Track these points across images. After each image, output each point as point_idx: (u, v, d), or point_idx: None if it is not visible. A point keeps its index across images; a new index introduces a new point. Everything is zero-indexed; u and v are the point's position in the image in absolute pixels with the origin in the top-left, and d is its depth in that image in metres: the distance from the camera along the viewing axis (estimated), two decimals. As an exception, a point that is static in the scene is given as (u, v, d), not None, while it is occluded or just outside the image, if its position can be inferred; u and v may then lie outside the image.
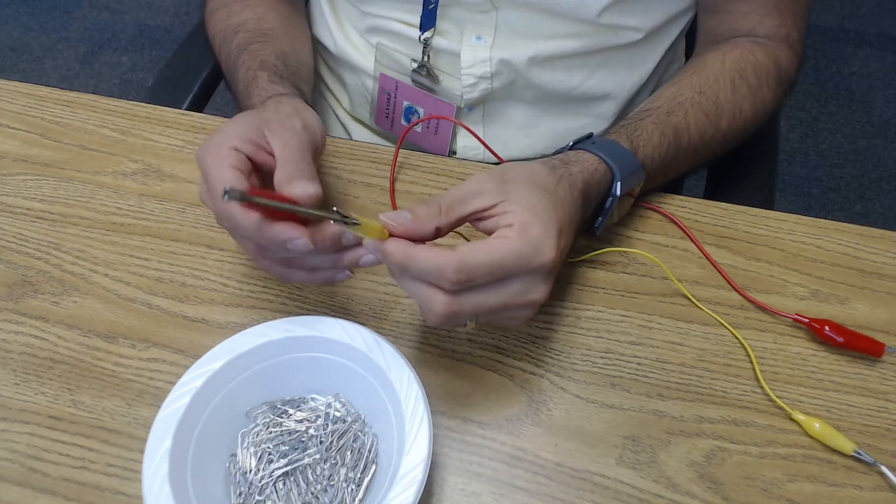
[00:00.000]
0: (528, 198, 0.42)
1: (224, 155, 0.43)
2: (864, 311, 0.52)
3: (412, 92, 0.67)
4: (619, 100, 0.67)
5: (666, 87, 0.59)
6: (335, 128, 0.80)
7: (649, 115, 0.55)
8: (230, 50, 0.62)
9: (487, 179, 0.43)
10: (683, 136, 0.56)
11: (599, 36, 0.62)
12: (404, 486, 0.38)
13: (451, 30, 0.63)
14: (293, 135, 0.46)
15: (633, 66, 0.67)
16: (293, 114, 0.48)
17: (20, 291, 0.54)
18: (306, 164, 0.44)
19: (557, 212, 0.43)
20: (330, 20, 0.70)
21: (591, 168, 0.50)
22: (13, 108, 0.66)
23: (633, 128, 0.54)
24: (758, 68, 0.60)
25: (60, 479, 0.45)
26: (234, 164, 0.43)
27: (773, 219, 0.57)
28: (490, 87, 0.64)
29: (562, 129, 0.68)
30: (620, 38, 0.63)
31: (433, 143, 0.69)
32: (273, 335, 0.44)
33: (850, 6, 1.97)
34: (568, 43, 0.62)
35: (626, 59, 0.65)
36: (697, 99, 0.57)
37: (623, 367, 0.49)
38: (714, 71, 0.59)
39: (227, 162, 0.43)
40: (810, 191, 1.60)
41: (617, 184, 0.51)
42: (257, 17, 0.64)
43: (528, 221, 0.41)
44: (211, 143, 0.44)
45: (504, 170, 0.44)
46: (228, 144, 0.44)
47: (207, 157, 0.44)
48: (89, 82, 1.89)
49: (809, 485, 0.45)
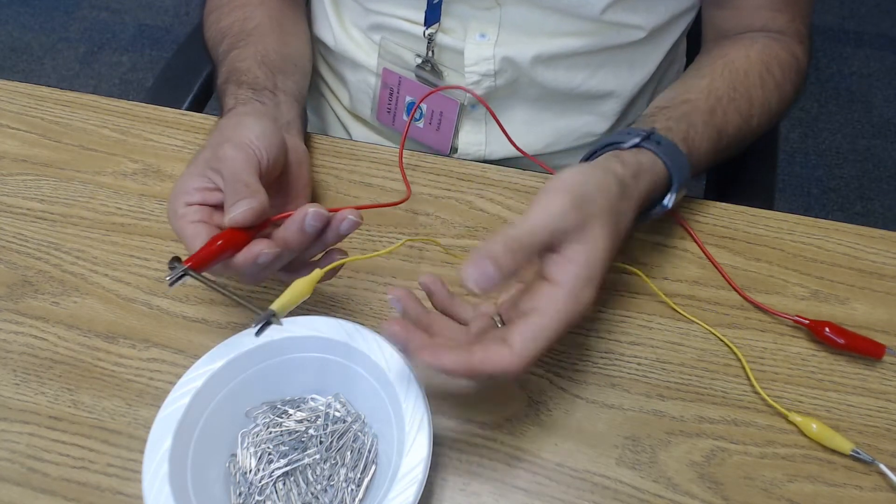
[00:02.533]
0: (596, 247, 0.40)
1: (181, 215, 0.46)
2: (864, 311, 0.52)
3: (415, 87, 0.67)
4: (622, 99, 0.67)
5: (693, 76, 0.59)
6: (335, 126, 0.80)
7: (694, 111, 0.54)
8: (216, 58, 0.62)
9: (569, 211, 0.40)
10: (723, 138, 0.55)
11: (602, 34, 0.62)
12: (404, 486, 0.38)
13: (455, 27, 0.64)
14: (227, 163, 0.46)
15: (635, 65, 0.67)
16: (222, 140, 0.48)
17: (20, 291, 0.54)
18: (242, 185, 0.45)
19: (611, 256, 0.42)
20: (332, 17, 0.69)
21: (656, 181, 0.48)
22: (13, 108, 0.66)
23: (684, 124, 0.52)
24: (781, 63, 0.60)
25: (60, 479, 0.45)
26: (192, 220, 0.45)
27: (773, 219, 0.57)
28: (494, 85, 0.64)
29: (564, 128, 0.68)
30: (623, 37, 0.63)
31: (435, 139, 0.69)
32: (273, 335, 0.44)
33: (850, 6, 1.97)
34: (571, 41, 0.62)
35: (628, 58, 0.65)
36: (732, 95, 0.56)
37: (623, 367, 0.49)
38: (742, 66, 0.59)
39: (185, 221, 0.45)
40: (810, 191, 1.60)
41: (672, 196, 0.50)
42: (243, 17, 0.63)
43: (582, 286, 0.40)
44: (169, 208, 0.47)
45: (585, 199, 0.41)
46: (181, 202, 0.46)
47: (172, 223, 0.46)
48: (89, 82, 1.89)
49: (809, 485, 0.45)
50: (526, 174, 0.60)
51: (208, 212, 0.46)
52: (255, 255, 0.43)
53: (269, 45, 0.61)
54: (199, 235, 0.44)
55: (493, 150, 0.69)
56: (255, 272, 0.45)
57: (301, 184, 0.53)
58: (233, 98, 0.55)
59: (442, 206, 0.58)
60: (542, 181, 0.59)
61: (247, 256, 0.43)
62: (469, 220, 0.57)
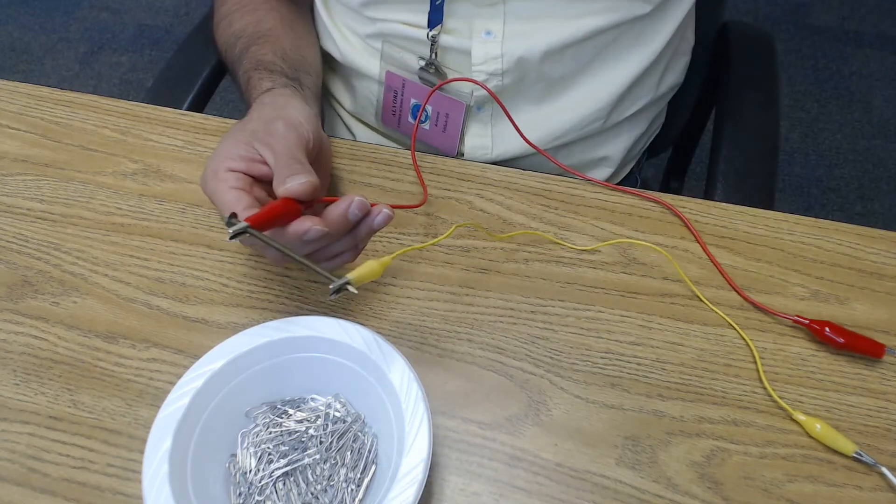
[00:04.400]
0: None
1: (222, 178, 0.46)
2: (864, 311, 0.52)
3: (420, 90, 0.67)
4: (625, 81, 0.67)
5: None
6: (339, 128, 0.80)
7: None
8: (233, 58, 0.63)
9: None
10: None
11: (609, 12, 0.62)
12: (404, 486, 0.38)
13: (460, 27, 0.63)
14: (279, 140, 0.47)
15: (641, 42, 0.66)
16: (274, 116, 0.49)
17: (20, 291, 0.54)
18: (296, 162, 0.46)
19: None
20: (332, 29, 0.70)
21: None
22: (13, 108, 0.66)
23: None
24: None
25: (60, 480, 0.45)
26: (233, 186, 0.46)
27: (773, 219, 0.57)
28: (501, 84, 0.64)
29: (569, 120, 0.68)
30: (631, 11, 0.63)
31: (441, 141, 0.69)
32: (273, 335, 0.44)
33: (850, 6, 1.97)
34: (578, 24, 0.62)
35: (635, 36, 0.65)
36: None
37: (623, 367, 0.49)
38: None
39: (226, 185, 0.46)
40: (810, 191, 1.60)
41: None
42: (256, 20, 0.64)
43: None
44: (208, 169, 0.47)
45: None
46: (224, 167, 0.46)
47: (209, 185, 0.46)
48: (89, 82, 1.89)
49: (809, 485, 0.45)
50: (526, 174, 0.60)
51: (249, 182, 0.47)
52: (306, 229, 0.44)
53: (286, 46, 0.62)
54: (241, 201, 0.45)
55: (499, 153, 0.69)
56: (299, 247, 0.45)
57: (325, 172, 0.54)
58: (269, 80, 0.56)
59: (442, 206, 0.58)
60: (543, 181, 0.59)
61: (297, 229, 0.44)
62: (469, 220, 0.57)
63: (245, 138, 0.48)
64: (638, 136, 0.75)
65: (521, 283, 0.53)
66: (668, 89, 0.75)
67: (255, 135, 0.48)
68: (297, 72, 0.59)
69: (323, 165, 0.54)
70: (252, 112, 0.52)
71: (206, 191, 0.47)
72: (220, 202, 0.45)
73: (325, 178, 0.55)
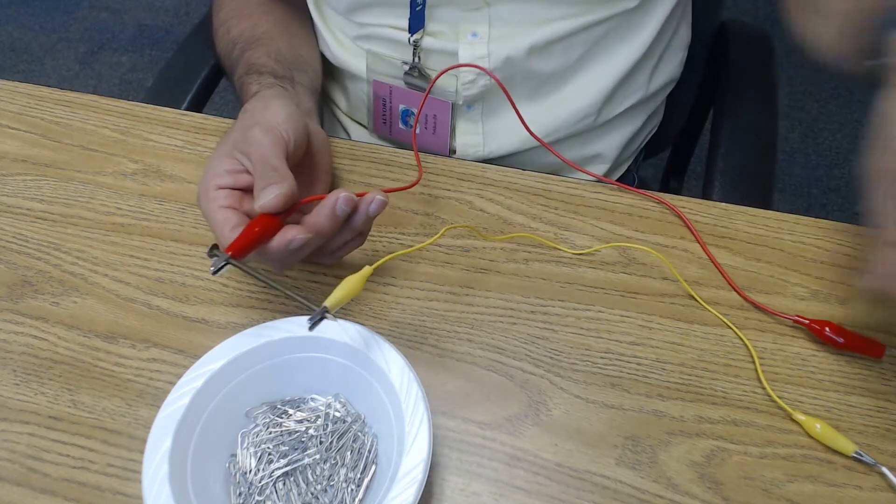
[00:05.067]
0: None
1: (212, 198, 0.47)
2: (864, 311, 0.52)
3: (407, 95, 0.67)
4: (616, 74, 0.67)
5: None
6: (335, 128, 0.80)
7: None
8: (231, 65, 0.63)
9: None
10: None
11: (593, 11, 0.62)
12: (404, 486, 0.38)
13: (445, 30, 0.63)
14: (255, 147, 0.47)
15: (628, 37, 0.66)
16: (251, 123, 0.49)
17: (20, 291, 0.54)
18: (271, 169, 0.46)
19: None
20: (324, 33, 0.70)
21: None
22: (13, 108, 0.66)
23: None
24: None
25: (60, 480, 0.45)
26: (222, 205, 0.47)
27: (773, 219, 0.57)
28: (490, 83, 0.64)
29: (560, 116, 0.68)
30: (614, 8, 0.63)
31: (433, 142, 0.69)
32: (273, 335, 0.44)
33: (850, 6, 1.96)
34: (563, 24, 0.62)
35: (621, 31, 0.65)
36: None
37: (623, 367, 0.49)
38: None
39: (216, 205, 0.47)
40: (810, 191, 1.60)
41: None
42: (252, 24, 0.65)
43: None
44: (200, 188, 0.48)
45: None
46: (213, 185, 0.47)
47: (201, 205, 0.48)
48: (89, 82, 1.89)
49: (809, 485, 0.45)
50: (526, 174, 0.60)
51: (238, 197, 0.48)
52: (289, 240, 0.44)
53: (280, 46, 0.63)
54: (229, 221, 0.45)
55: (492, 149, 0.69)
56: (287, 258, 0.46)
57: (323, 168, 0.54)
58: (256, 84, 0.57)
59: (442, 206, 0.58)
60: (543, 181, 0.59)
61: (280, 242, 0.44)
62: (469, 220, 0.57)
63: (227, 150, 0.49)
64: (632, 133, 0.75)
65: (521, 283, 0.53)
66: (660, 86, 0.75)
67: (236, 145, 0.49)
68: (289, 70, 0.60)
69: (319, 163, 0.54)
70: (236, 121, 0.53)
71: (201, 210, 0.48)
72: (212, 223, 0.46)
73: (324, 175, 0.55)
